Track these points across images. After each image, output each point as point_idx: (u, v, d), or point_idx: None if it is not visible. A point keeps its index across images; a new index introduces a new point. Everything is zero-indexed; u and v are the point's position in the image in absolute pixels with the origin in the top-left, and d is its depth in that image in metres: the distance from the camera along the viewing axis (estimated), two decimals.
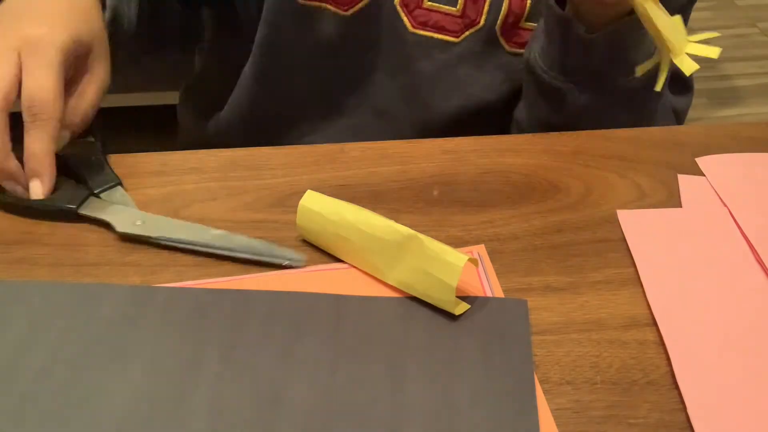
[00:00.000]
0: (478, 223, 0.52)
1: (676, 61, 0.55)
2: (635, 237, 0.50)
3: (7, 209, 0.52)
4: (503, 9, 0.64)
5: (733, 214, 0.52)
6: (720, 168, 0.56)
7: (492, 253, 0.49)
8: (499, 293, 0.46)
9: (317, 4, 0.65)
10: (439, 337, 0.43)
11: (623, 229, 0.51)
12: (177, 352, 0.42)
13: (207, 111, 0.75)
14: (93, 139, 0.56)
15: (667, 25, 0.53)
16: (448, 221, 0.52)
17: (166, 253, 0.49)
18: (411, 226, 0.46)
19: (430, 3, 0.65)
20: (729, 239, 0.50)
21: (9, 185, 0.51)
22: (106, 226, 0.50)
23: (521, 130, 0.67)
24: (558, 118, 0.61)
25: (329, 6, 0.65)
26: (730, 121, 1.98)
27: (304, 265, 0.47)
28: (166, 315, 0.45)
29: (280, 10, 0.66)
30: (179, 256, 0.49)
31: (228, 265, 0.48)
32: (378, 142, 0.59)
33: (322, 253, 0.49)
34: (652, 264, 0.48)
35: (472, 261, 0.45)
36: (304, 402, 0.40)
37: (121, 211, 0.51)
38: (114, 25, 0.59)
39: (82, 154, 0.55)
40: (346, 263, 0.48)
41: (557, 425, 0.39)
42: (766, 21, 2.41)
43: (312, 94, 0.70)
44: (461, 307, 0.44)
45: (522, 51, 0.66)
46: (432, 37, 0.66)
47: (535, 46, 0.62)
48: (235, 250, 0.47)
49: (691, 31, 0.53)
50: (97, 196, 0.52)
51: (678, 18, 0.52)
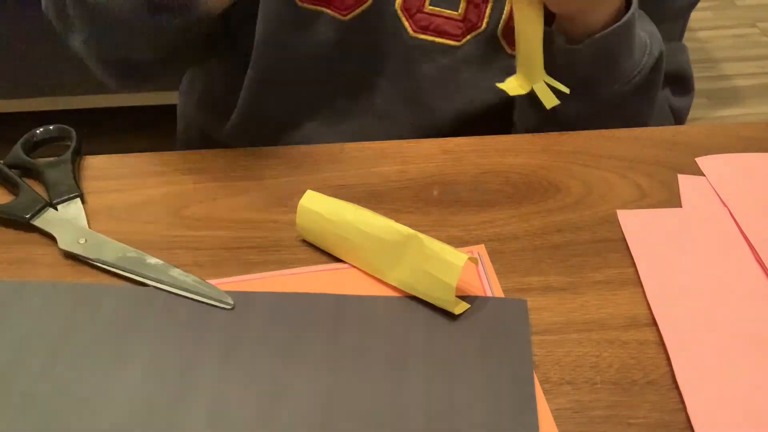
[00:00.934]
0: (478, 223, 0.52)
1: (535, 88, 0.58)
2: (635, 237, 0.50)
3: None
4: (505, 12, 0.64)
5: (732, 214, 0.52)
6: (720, 168, 0.56)
7: (492, 253, 0.49)
8: (499, 293, 0.46)
9: (315, 7, 0.65)
10: (439, 337, 0.43)
11: (623, 229, 0.51)
12: (177, 352, 0.42)
13: (214, 117, 0.75)
14: (69, 143, 0.56)
15: (529, 50, 0.56)
16: (448, 221, 0.52)
17: (166, 253, 0.49)
18: (411, 226, 0.46)
19: (431, 7, 0.65)
20: (729, 239, 0.50)
21: None
22: (53, 240, 0.50)
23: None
24: (550, 127, 0.61)
25: (328, 10, 0.65)
26: (730, 121, 1.98)
27: (232, 308, 0.45)
28: (166, 315, 0.45)
29: (279, 12, 0.65)
30: (179, 256, 0.49)
31: (228, 265, 0.48)
32: (378, 142, 0.59)
33: (321, 253, 0.49)
34: (652, 264, 0.48)
35: (472, 260, 0.45)
36: (305, 402, 0.40)
37: (69, 228, 0.50)
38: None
39: (53, 160, 0.54)
40: (346, 263, 0.48)
41: (557, 425, 0.39)
42: (766, 21, 2.41)
43: (312, 97, 0.70)
44: (461, 307, 0.44)
45: None
46: (433, 41, 0.66)
47: None
48: (165, 283, 0.46)
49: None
50: (54, 207, 0.52)
51: (539, 48, 0.56)
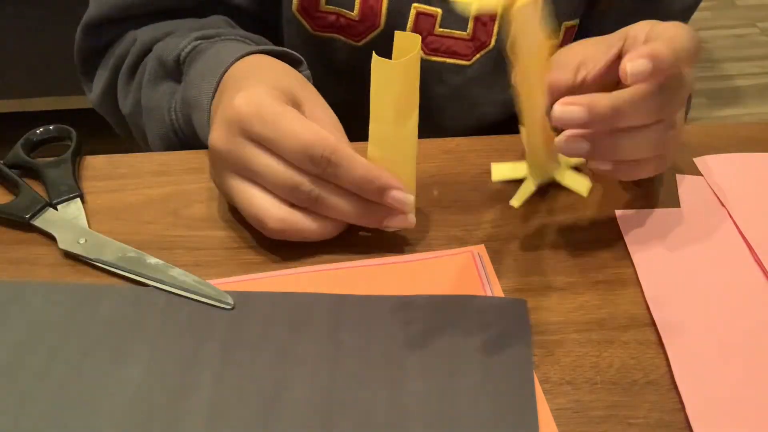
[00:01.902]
0: (478, 223, 0.52)
1: (561, 180, 0.52)
2: (633, 237, 0.50)
3: None
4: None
5: (731, 214, 0.52)
6: (718, 168, 0.56)
7: (492, 253, 0.49)
8: (499, 293, 0.46)
9: (329, 34, 0.66)
10: (439, 337, 0.43)
11: (621, 230, 0.51)
12: (177, 352, 0.42)
13: None
14: (69, 143, 0.56)
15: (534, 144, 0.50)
16: (448, 221, 0.52)
17: (166, 253, 0.49)
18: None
19: (441, 29, 0.65)
20: (727, 239, 0.50)
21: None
22: (53, 240, 0.49)
23: None
24: None
25: (340, 37, 0.66)
26: (730, 121, 1.98)
27: (232, 308, 0.45)
28: (165, 316, 0.45)
29: (293, 35, 0.66)
30: (179, 256, 0.49)
31: (228, 265, 0.48)
32: None
33: (322, 253, 0.49)
34: (651, 264, 0.48)
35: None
36: (304, 402, 0.40)
37: (69, 227, 0.50)
38: None
39: (53, 160, 0.54)
40: (347, 263, 0.48)
41: (557, 425, 0.39)
42: (766, 21, 2.41)
43: None
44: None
45: None
46: (444, 62, 0.66)
47: None
48: (165, 283, 0.46)
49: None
50: (54, 207, 0.52)
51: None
